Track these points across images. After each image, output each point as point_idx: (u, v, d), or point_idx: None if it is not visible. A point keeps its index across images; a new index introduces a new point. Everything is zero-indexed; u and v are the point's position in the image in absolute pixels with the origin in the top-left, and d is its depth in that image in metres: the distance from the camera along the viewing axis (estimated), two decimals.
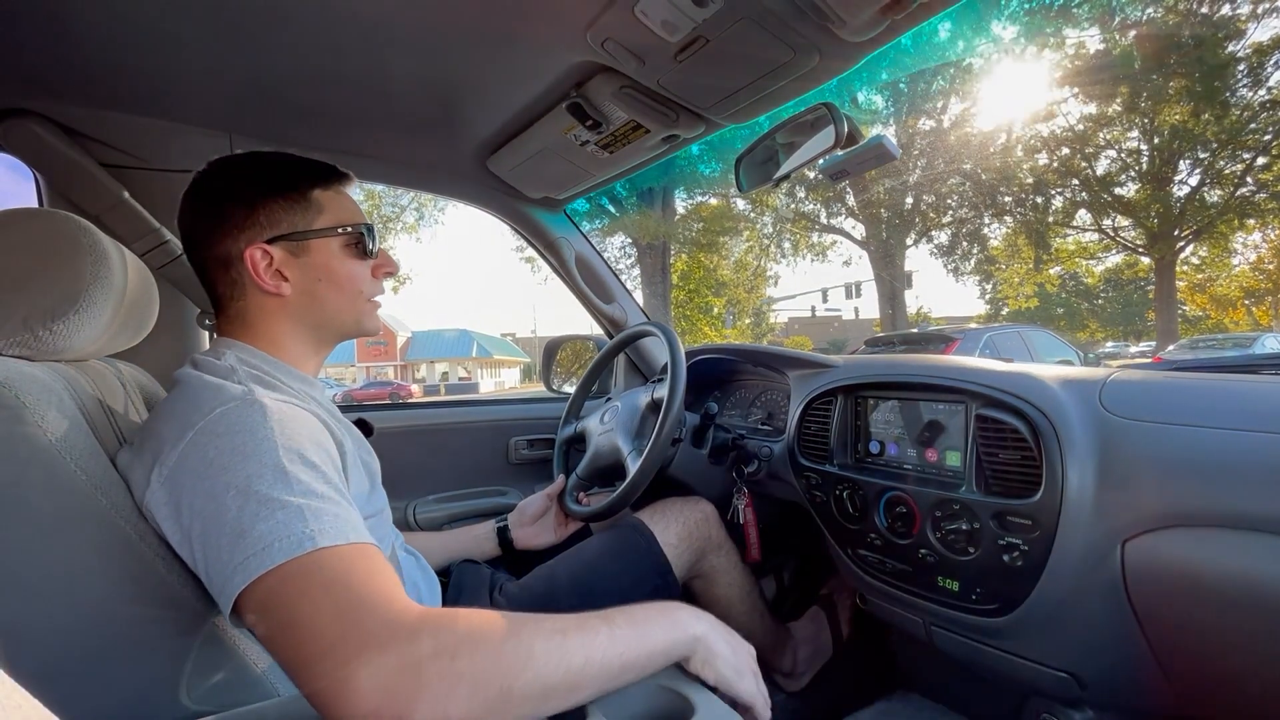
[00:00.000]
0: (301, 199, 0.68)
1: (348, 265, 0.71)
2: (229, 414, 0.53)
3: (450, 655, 0.42)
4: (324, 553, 0.46)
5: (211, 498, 0.49)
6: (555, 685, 0.46)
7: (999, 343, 6.34)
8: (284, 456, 0.51)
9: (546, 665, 0.45)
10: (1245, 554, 0.62)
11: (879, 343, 7.04)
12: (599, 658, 0.49)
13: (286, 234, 0.67)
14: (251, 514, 0.47)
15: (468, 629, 0.44)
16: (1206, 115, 13.88)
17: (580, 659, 0.47)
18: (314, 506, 0.49)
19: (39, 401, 0.52)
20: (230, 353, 0.65)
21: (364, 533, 0.51)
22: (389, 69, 0.92)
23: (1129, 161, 16.10)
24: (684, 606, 0.59)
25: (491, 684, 0.43)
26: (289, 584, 0.45)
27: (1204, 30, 12.99)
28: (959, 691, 1.09)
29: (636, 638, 0.52)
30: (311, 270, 0.69)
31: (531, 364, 39.52)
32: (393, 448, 1.36)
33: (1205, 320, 21.55)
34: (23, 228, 0.59)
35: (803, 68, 0.85)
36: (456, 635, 0.43)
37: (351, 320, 0.73)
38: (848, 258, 24.63)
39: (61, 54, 0.83)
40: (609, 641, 0.50)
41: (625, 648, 0.51)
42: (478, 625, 0.45)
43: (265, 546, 0.46)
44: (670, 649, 0.55)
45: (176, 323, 1.09)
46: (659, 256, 13.84)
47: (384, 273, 0.76)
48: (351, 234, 0.71)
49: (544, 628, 0.48)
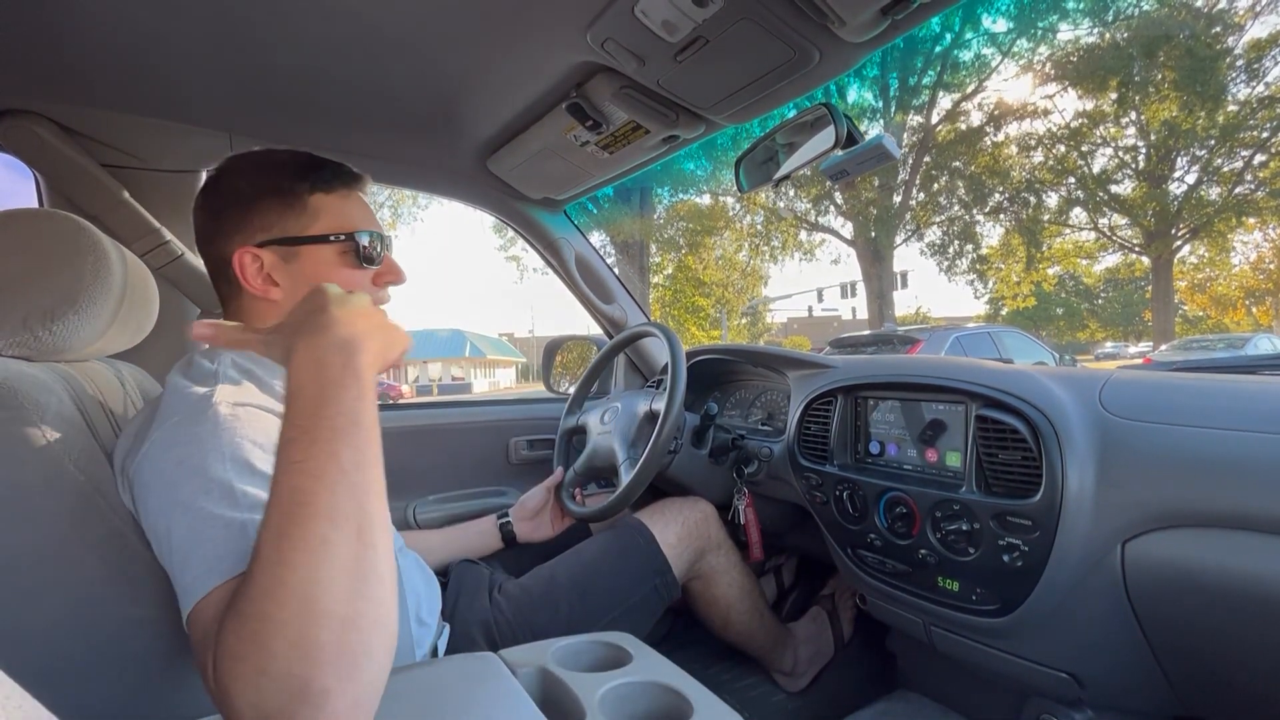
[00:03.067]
0: (297, 202, 0.67)
1: (341, 274, 0.68)
2: (181, 425, 0.52)
3: (260, 672, 0.35)
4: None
5: (161, 514, 0.49)
6: (352, 565, 0.39)
7: (967, 344, 5.98)
8: (230, 470, 0.49)
9: (320, 574, 0.37)
10: (1245, 554, 0.62)
11: (844, 344, 6.91)
12: (345, 502, 0.40)
13: (278, 238, 0.66)
14: (197, 534, 0.46)
15: (243, 636, 0.37)
16: (1199, 110, 13.90)
17: (333, 529, 0.39)
18: (257, 521, 0.43)
19: (38, 402, 0.52)
20: (226, 354, 0.64)
21: None
22: (389, 69, 0.92)
23: (1125, 159, 16.13)
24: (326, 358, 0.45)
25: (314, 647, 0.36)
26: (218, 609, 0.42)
27: (1194, 23, 13.03)
28: (959, 691, 1.09)
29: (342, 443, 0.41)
30: (301, 277, 0.67)
31: (528, 364, 39.51)
32: (392, 448, 1.35)
33: (1205, 320, 21.57)
34: (22, 228, 0.59)
35: (803, 68, 0.85)
36: (247, 653, 0.36)
37: None
38: (836, 256, 24.56)
39: (61, 54, 0.83)
40: (324, 487, 0.40)
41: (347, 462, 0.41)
42: (245, 623, 0.37)
43: (209, 569, 0.44)
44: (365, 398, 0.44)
45: (176, 323, 1.09)
46: (637, 257, 13.75)
47: (386, 281, 0.73)
48: (347, 241, 0.68)
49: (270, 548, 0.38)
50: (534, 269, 19.43)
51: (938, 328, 7.60)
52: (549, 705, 0.52)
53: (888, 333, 6.82)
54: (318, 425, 0.42)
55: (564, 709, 0.53)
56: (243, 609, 0.38)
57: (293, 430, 0.42)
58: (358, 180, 0.72)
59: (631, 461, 1.10)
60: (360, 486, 0.41)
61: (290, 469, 0.41)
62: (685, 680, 0.56)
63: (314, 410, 0.43)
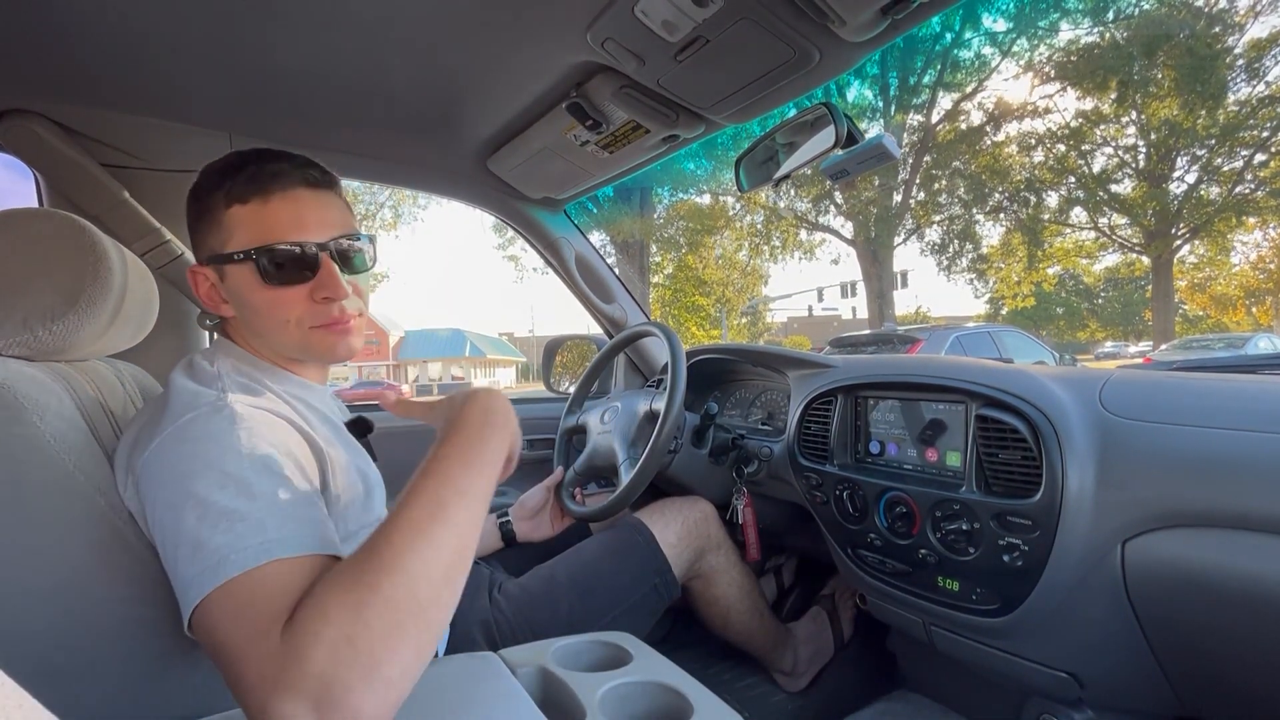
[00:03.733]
0: (215, 219, 0.62)
1: (262, 293, 0.61)
2: (195, 421, 0.52)
3: (348, 642, 0.39)
4: (280, 564, 0.45)
5: (171, 508, 0.48)
6: (449, 571, 0.45)
7: (967, 344, 6.02)
8: (246, 465, 0.49)
9: (430, 570, 0.43)
10: (1245, 554, 0.62)
11: (844, 343, 6.94)
12: (465, 519, 0.48)
13: (208, 257, 0.64)
14: (210, 526, 0.46)
15: (341, 602, 0.41)
16: (1199, 109, 13.90)
17: (452, 537, 0.46)
18: (274, 516, 0.47)
19: (38, 402, 0.52)
20: (225, 358, 0.64)
21: (328, 541, 0.49)
22: (389, 69, 0.92)
23: (1125, 158, 16.12)
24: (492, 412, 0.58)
25: (403, 623, 0.41)
26: (236, 599, 0.43)
27: (1194, 23, 13.03)
28: (959, 691, 1.09)
29: (479, 475, 0.51)
30: (235, 296, 0.64)
31: (528, 364, 39.49)
32: (393, 448, 1.36)
33: (1205, 320, 21.56)
34: (22, 228, 0.59)
35: (803, 68, 0.85)
36: (349, 606, 0.40)
37: (295, 348, 0.66)
38: (836, 256, 24.56)
39: (61, 54, 0.83)
40: (460, 500, 0.48)
41: (475, 489, 0.50)
42: (350, 591, 0.41)
43: (221, 560, 0.44)
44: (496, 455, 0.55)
45: (176, 323, 1.09)
46: (637, 256, 13.73)
47: (322, 297, 0.62)
48: (258, 258, 0.60)
49: (402, 535, 0.44)
50: (534, 269, 19.43)
51: (937, 327, 7.59)
52: (549, 705, 0.52)
53: (887, 332, 6.81)
54: (473, 455, 0.52)
55: (564, 709, 0.53)
56: (349, 581, 0.42)
57: (451, 450, 0.52)
58: (276, 180, 0.62)
59: (631, 461, 1.10)
60: (476, 516, 0.49)
61: (443, 479, 0.49)
62: (685, 680, 0.56)
63: (475, 443, 0.53)
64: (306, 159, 0.65)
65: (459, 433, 0.54)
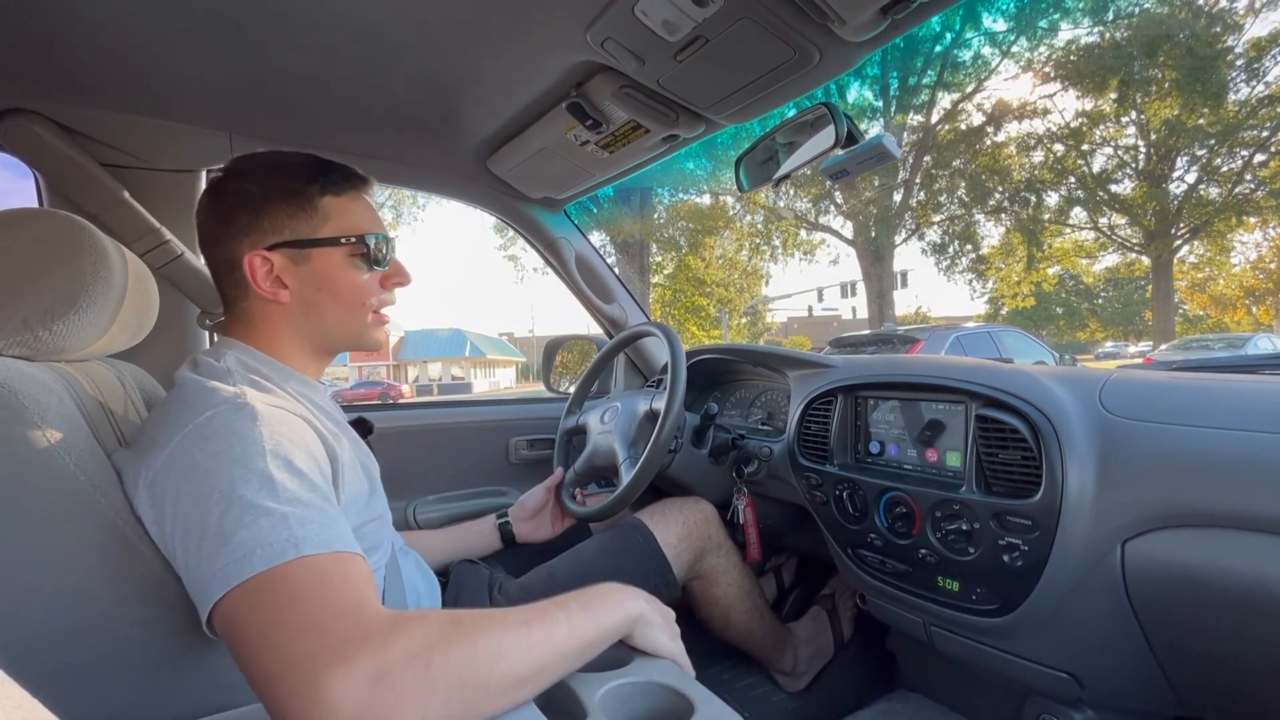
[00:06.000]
0: (308, 205, 0.67)
1: (350, 275, 0.69)
2: (218, 417, 0.53)
3: (425, 660, 0.42)
4: (305, 560, 0.46)
5: (196, 502, 0.49)
6: (526, 675, 0.47)
7: (967, 343, 6.04)
8: (270, 462, 0.50)
9: (516, 657, 0.46)
10: (1245, 554, 0.62)
11: (844, 343, 6.94)
12: (561, 644, 0.50)
13: (289, 241, 0.66)
14: (234, 520, 0.46)
15: (440, 630, 0.44)
16: (1200, 109, 13.90)
17: (545, 648, 0.49)
18: (298, 514, 0.48)
19: (38, 402, 0.52)
20: (230, 353, 0.65)
21: (348, 540, 0.50)
22: (389, 69, 0.92)
23: (1125, 158, 16.12)
24: (622, 588, 0.62)
25: (468, 683, 0.43)
26: (267, 592, 0.44)
27: (1195, 22, 13.04)
28: (959, 691, 1.09)
29: (590, 621, 0.54)
30: (312, 279, 0.68)
31: (528, 364, 39.49)
32: (393, 448, 1.36)
33: (1206, 320, 21.57)
34: (22, 228, 0.59)
35: (803, 68, 0.85)
36: (429, 638, 0.43)
37: (351, 332, 0.72)
38: (835, 256, 24.61)
39: (61, 54, 0.83)
40: (568, 628, 0.52)
41: (582, 632, 0.53)
42: (450, 626, 0.45)
43: (247, 553, 0.45)
44: (618, 627, 0.58)
45: (176, 323, 1.09)
46: (637, 256, 13.72)
47: (394, 283, 0.74)
48: (357, 244, 0.69)
49: (510, 621, 0.49)
50: (534, 269, 19.42)
51: (937, 327, 7.58)
52: (549, 705, 0.52)
53: (887, 332, 6.81)
54: (592, 607, 0.56)
55: (564, 709, 0.52)
56: (454, 623, 0.46)
57: (582, 595, 0.57)
58: (364, 183, 0.73)
59: (632, 461, 1.10)
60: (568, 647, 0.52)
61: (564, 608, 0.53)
62: (685, 680, 0.56)
63: (598, 599, 0.58)
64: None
65: (595, 589, 0.60)
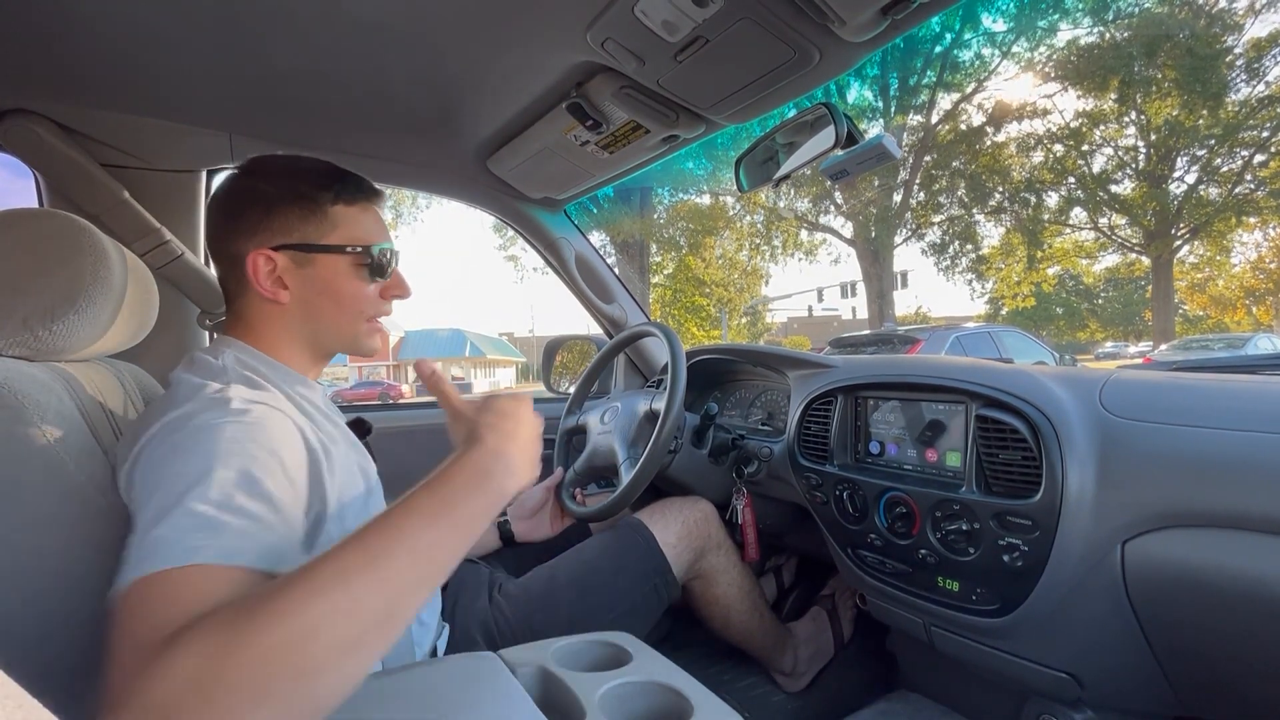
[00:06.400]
0: (319, 211, 0.68)
1: (352, 284, 0.70)
2: (190, 412, 0.53)
3: (201, 681, 0.34)
4: (198, 570, 0.42)
5: (146, 490, 0.48)
6: (358, 636, 0.39)
7: (967, 344, 6.04)
8: (219, 462, 0.48)
9: (337, 623, 0.38)
10: (1245, 554, 0.62)
11: (844, 343, 6.94)
12: (407, 575, 0.42)
13: (296, 244, 0.67)
14: (156, 516, 0.45)
15: (219, 636, 0.36)
16: (1200, 109, 13.91)
17: (381, 593, 0.40)
18: (221, 519, 0.45)
19: (38, 402, 0.52)
20: (229, 351, 0.65)
21: (275, 555, 0.46)
22: (389, 69, 0.92)
23: (1125, 159, 16.12)
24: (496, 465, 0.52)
25: (276, 678, 0.35)
26: (141, 597, 0.41)
27: (1195, 22, 13.04)
28: (959, 691, 1.09)
29: (445, 531, 0.45)
30: (313, 283, 0.68)
31: (528, 364, 39.48)
32: (393, 448, 1.36)
33: (1206, 320, 21.57)
34: (22, 228, 0.59)
35: (803, 68, 0.85)
36: (204, 652, 0.35)
37: (348, 338, 0.72)
38: (836, 256, 24.60)
39: (61, 54, 0.83)
40: (409, 558, 0.43)
41: (436, 548, 0.45)
42: (230, 626, 0.37)
43: (149, 553, 0.43)
44: (490, 512, 0.50)
45: (176, 323, 1.09)
46: (637, 256, 13.72)
47: (393, 295, 0.75)
48: (362, 254, 0.70)
49: (322, 579, 0.39)
50: (534, 269, 19.42)
51: (937, 327, 7.59)
52: (549, 705, 0.52)
53: (887, 332, 6.81)
54: (445, 512, 0.46)
55: (564, 709, 0.53)
56: (229, 617, 0.37)
57: (422, 500, 0.46)
58: (377, 195, 0.74)
59: (632, 461, 1.10)
60: (420, 581, 0.44)
61: (397, 531, 0.44)
62: (685, 680, 0.56)
63: (451, 499, 0.48)
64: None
65: (444, 481, 0.49)
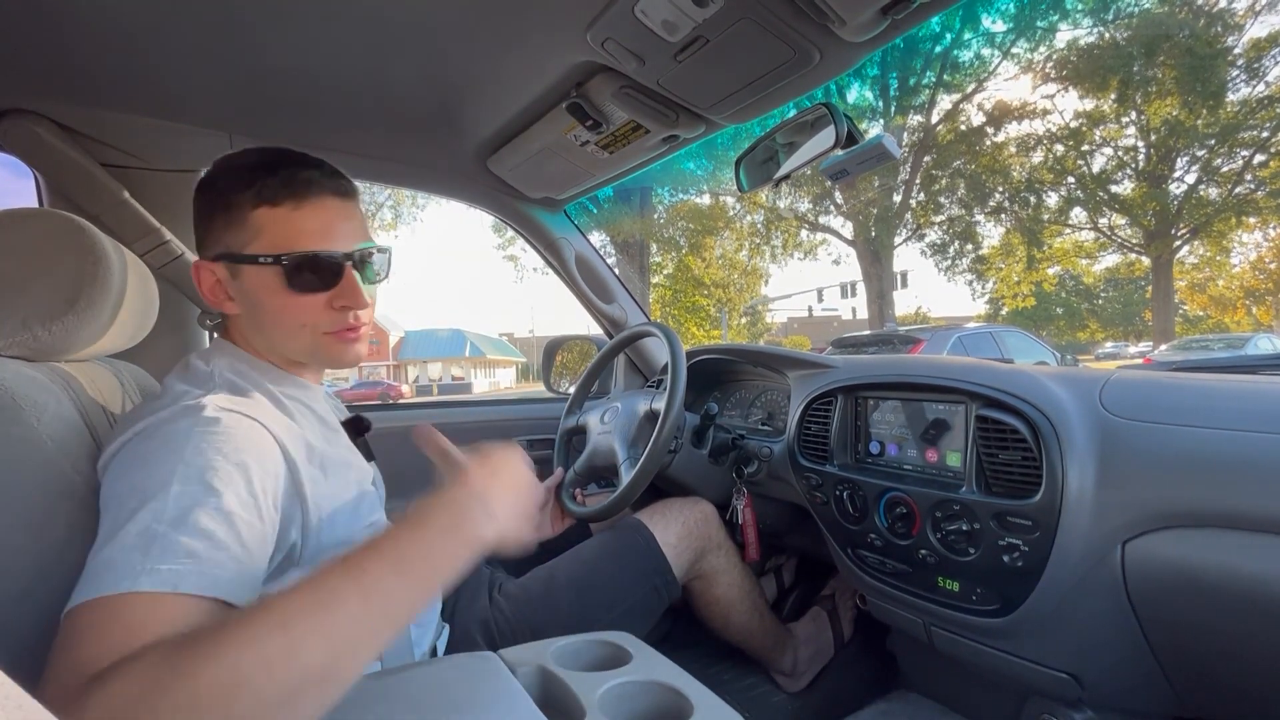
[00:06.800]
0: (240, 218, 0.61)
1: (282, 297, 0.62)
2: (161, 422, 0.52)
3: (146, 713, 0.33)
4: (138, 598, 0.40)
5: (107, 501, 0.48)
6: (296, 690, 0.36)
7: (969, 344, 6.04)
8: (178, 476, 0.46)
9: (271, 676, 0.35)
10: (1245, 554, 0.62)
11: (846, 343, 6.95)
12: (351, 630, 0.39)
13: (223, 254, 0.63)
14: (110, 532, 0.44)
15: (150, 676, 0.34)
16: (1199, 109, 13.91)
17: (322, 647, 0.38)
18: (172, 540, 0.43)
19: (36, 402, 0.52)
20: (221, 358, 0.64)
21: (225, 584, 0.44)
22: (389, 69, 0.91)
23: (1125, 159, 16.12)
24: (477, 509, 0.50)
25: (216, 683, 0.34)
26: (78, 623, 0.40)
27: (1194, 22, 13.05)
28: (959, 691, 1.09)
29: (407, 583, 0.43)
30: (247, 295, 0.63)
31: (528, 364, 39.49)
32: (393, 448, 1.36)
33: (1206, 320, 21.56)
34: (22, 228, 0.59)
35: (803, 68, 0.85)
36: (130, 693, 0.34)
37: (305, 351, 0.66)
38: (837, 256, 24.61)
39: (61, 54, 0.83)
40: (361, 607, 0.40)
41: (390, 596, 0.42)
42: (164, 665, 0.35)
43: (94, 575, 0.41)
44: (459, 562, 0.47)
45: (176, 323, 1.09)
46: (637, 256, 13.72)
47: (342, 305, 0.64)
48: (288, 264, 0.60)
49: (263, 627, 0.37)
50: (534, 269, 19.42)
51: (939, 328, 7.60)
52: (549, 705, 0.52)
53: (889, 333, 6.82)
54: (409, 554, 0.44)
55: (564, 709, 0.53)
56: (167, 653, 0.36)
57: (389, 543, 0.44)
58: (310, 188, 0.62)
59: (632, 461, 1.10)
60: (373, 631, 0.41)
61: (356, 573, 0.41)
62: (685, 680, 0.56)
63: (419, 539, 0.45)
64: (334, 167, 0.66)
65: (415, 521, 0.46)
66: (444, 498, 0.50)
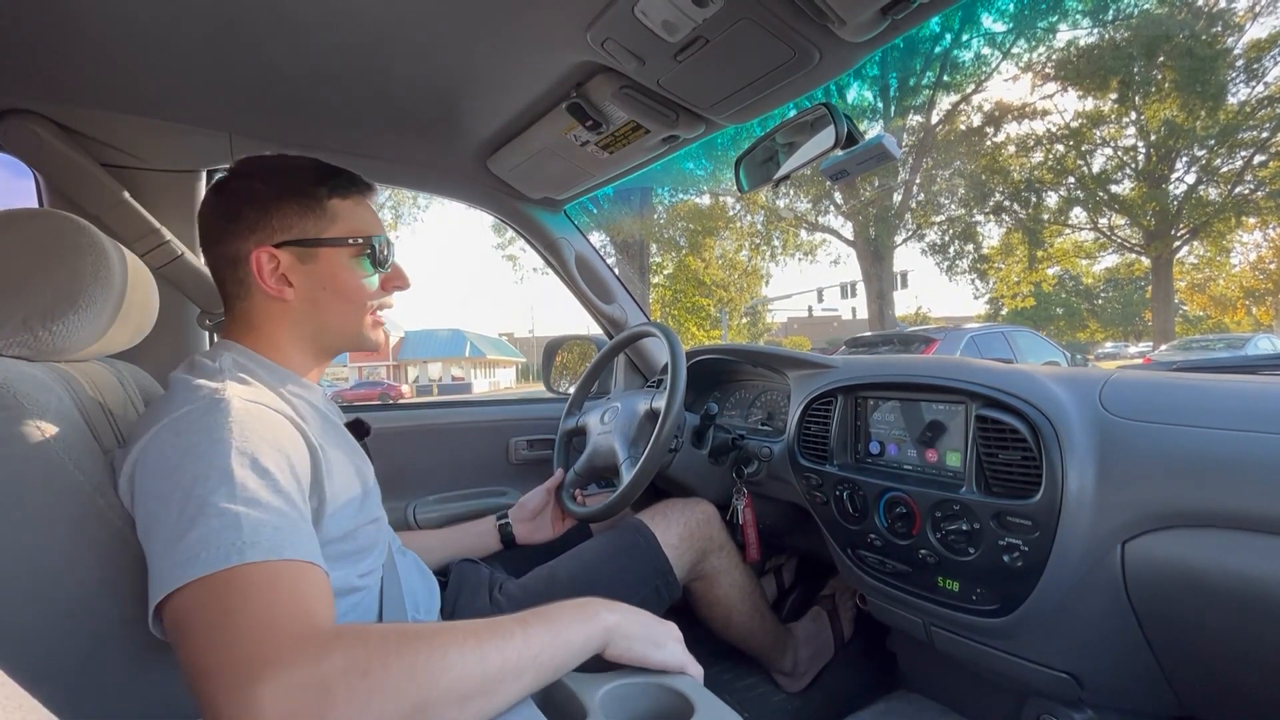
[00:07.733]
0: (317, 206, 0.69)
1: (354, 276, 0.71)
2: (192, 413, 0.53)
3: (362, 672, 0.40)
4: (250, 567, 0.45)
5: (159, 497, 0.49)
6: (471, 691, 0.45)
7: (982, 343, 6.15)
8: (235, 461, 0.50)
9: (462, 673, 0.45)
10: (1245, 554, 0.62)
11: (860, 343, 7.00)
12: (514, 660, 0.48)
13: (297, 239, 0.68)
14: (189, 519, 0.46)
15: (381, 642, 0.43)
16: (1199, 110, 13.91)
17: (496, 663, 0.47)
18: (253, 516, 0.47)
19: (37, 401, 0.52)
20: (227, 355, 0.65)
21: (304, 547, 0.49)
22: (389, 69, 0.92)
23: (1125, 159, 16.12)
24: (600, 601, 0.59)
25: (405, 697, 0.41)
26: (209, 596, 0.44)
27: (1194, 23, 13.05)
28: (959, 691, 1.09)
29: (550, 636, 0.52)
30: (317, 278, 0.69)
31: (528, 364, 39.50)
32: (392, 448, 1.36)
33: (1206, 320, 21.57)
34: (22, 228, 0.59)
35: (803, 68, 0.85)
36: (369, 649, 0.42)
37: (353, 331, 0.73)
38: (836, 256, 24.64)
39: (61, 54, 0.83)
40: (523, 644, 0.49)
41: (540, 648, 0.50)
42: (392, 638, 0.44)
43: (193, 555, 0.44)
44: (586, 642, 0.55)
45: (176, 323, 1.09)
46: (637, 256, 13.71)
47: (394, 286, 0.76)
48: (363, 245, 0.71)
49: (458, 634, 0.47)
50: (534, 269, 19.43)
51: (953, 328, 7.63)
52: (549, 705, 0.52)
53: (903, 332, 6.84)
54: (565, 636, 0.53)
55: (564, 709, 0.53)
56: (396, 637, 0.44)
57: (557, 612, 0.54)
58: (369, 188, 0.75)
59: (632, 461, 1.10)
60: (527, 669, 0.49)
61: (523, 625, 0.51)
62: (686, 680, 0.56)
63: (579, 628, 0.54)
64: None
65: (578, 609, 0.56)
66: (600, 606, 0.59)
